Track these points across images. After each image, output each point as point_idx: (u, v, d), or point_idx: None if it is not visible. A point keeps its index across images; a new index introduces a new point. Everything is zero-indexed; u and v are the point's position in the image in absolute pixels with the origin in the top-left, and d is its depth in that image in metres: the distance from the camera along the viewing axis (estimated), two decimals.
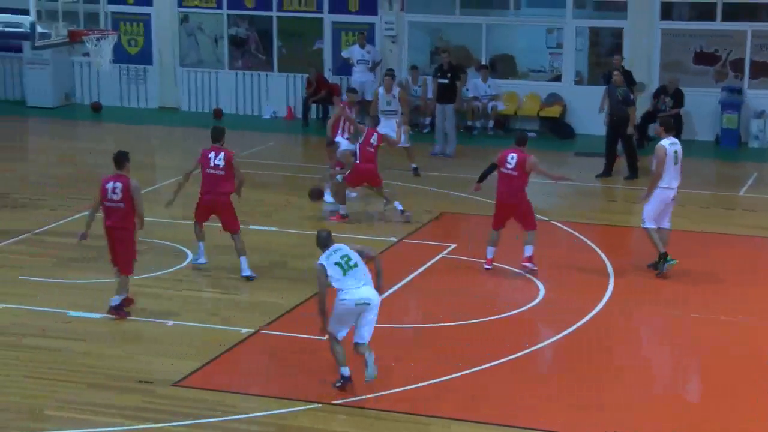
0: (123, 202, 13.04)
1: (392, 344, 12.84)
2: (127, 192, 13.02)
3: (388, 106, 19.95)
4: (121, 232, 13.16)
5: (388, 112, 19.91)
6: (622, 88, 20.19)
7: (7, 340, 12.49)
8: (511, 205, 14.96)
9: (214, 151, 14.43)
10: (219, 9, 25.68)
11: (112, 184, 13.12)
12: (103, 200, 13.18)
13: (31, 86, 26.31)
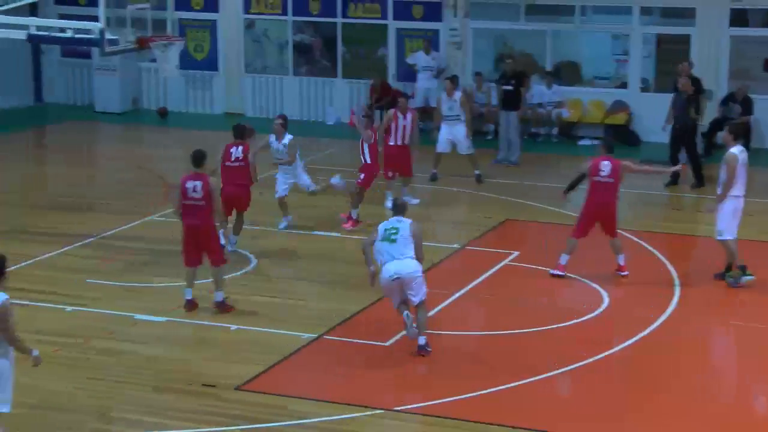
0: (204, 200, 13.36)
1: (455, 351, 12.82)
2: (207, 190, 13.36)
3: (450, 111, 19.84)
4: (205, 228, 13.48)
5: (450, 117, 19.86)
6: (684, 95, 19.95)
7: (75, 343, 12.66)
8: (605, 213, 14.80)
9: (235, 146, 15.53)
10: (284, 15, 25.83)
11: (192, 183, 13.44)
12: (183, 199, 13.47)
13: (100, 92, 26.67)
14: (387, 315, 13.70)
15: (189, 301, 13.68)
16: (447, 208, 18.77)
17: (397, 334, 12.93)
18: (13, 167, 21.66)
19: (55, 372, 11.86)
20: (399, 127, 18.27)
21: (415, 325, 12.26)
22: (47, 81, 27.73)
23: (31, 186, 20.17)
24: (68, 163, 22.53)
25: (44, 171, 22.23)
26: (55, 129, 25.41)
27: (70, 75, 27.58)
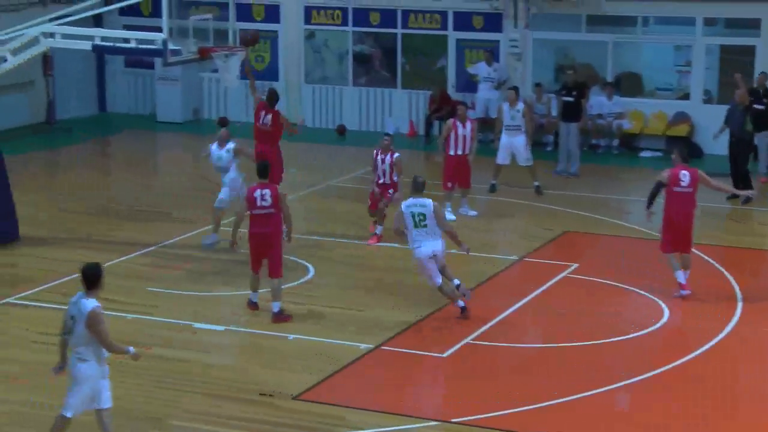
0: (273, 208, 13.65)
1: (513, 363, 12.77)
2: (276, 198, 13.66)
3: (512, 121, 19.73)
4: (274, 238, 13.75)
5: (511, 127, 19.77)
6: (741, 106, 19.69)
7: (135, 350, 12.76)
8: (685, 225, 14.59)
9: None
10: (345, 26, 25.94)
11: (260, 192, 13.72)
12: (251, 209, 13.72)
13: (162, 101, 26.95)
14: (445, 326, 13.70)
15: (253, 303, 14.02)
16: (505, 219, 18.69)
17: (454, 345, 12.91)
18: (77, 176, 21.96)
19: (115, 379, 11.92)
20: (459, 136, 18.24)
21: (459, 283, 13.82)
22: (111, 91, 28.08)
23: (93, 194, 20.41)
24: (130, 172, 22.79)
25: (107, 180, 22.49)
26: (117, 138, 25.73)
27: (132, 85, 27.91)
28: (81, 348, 9.81)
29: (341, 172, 21.28)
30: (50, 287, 14.91)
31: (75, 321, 9.81)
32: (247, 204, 13.86)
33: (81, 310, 9.77)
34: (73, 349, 9.88)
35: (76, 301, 9.92)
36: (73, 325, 9.82)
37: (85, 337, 9.75)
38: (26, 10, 24.32)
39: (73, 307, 9.90)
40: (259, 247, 13.77)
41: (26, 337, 13.23)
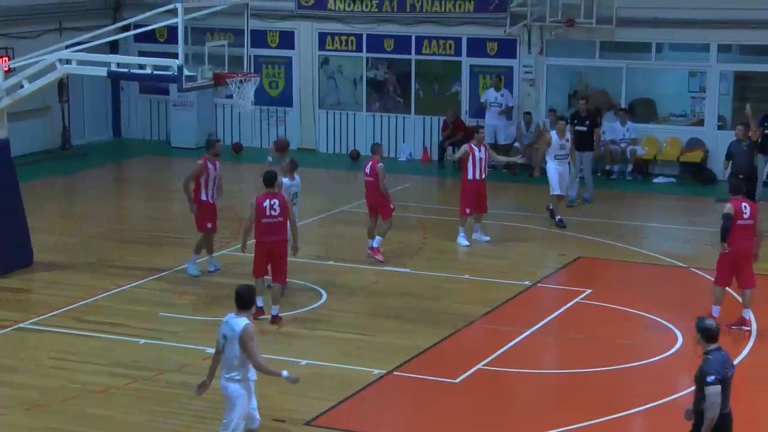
0: (282, 216, 14.18)
1: (525, 389, 12.74)
2: (284, 207, 14.18)
3: (561, 151, 19.64)
4: (282, 245, 14.34)
5: (560, 157, 19.64)
6: (746, 142, 18.92)
7: (148, 376, 12.79)
8: (747, 258, 14.29)
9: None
10: (359, 52, 26.04)
11: (269, 201, 14.21)
12: (261, 218, 14.14)
13: (176, 127, 27.07)
14: (458, 351, 13.68)
15: (259, 308, 14.23)
16: (519, 245, 18.66)
17: (467, 371, 12.89)
18: (91, 201, 22.05)
19: (129, 404, 11.99)
20: (476, 160, 18.16)
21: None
22: (125, 116, 28.22)
23: (107, 220, 20.48)
24: (144, 197, 22.88)
25: (121, 205, 22.58)
26: (132, 163, 25.83)
27: (147, 110, 28.04)
28: (234, 368, 10.02)
29: (355, 198, 21.29)
30: (63, 312, 14.95)
31: (227, 340, 10.03)
32: (256, 213, 14.22)
33: (234, 328, 9.99)
34: (226, 371, 10.07)
35: (227, 321, 10.15)
36: (224, 345, 10.05)
37: (238, 358, 9.95)
38: (42, 36, 24.50)
39: (224, 326, 10.13)
40: (267, 255, 14.31)
41: (39, 362, 13.25)
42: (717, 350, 9.21)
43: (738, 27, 23.08)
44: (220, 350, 10.14)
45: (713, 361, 9.08)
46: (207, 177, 16.25)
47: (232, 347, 9.98)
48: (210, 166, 16.27)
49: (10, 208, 16.71)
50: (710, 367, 9.03)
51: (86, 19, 25.67)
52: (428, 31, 25.30)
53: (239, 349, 9.93)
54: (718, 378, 8.96)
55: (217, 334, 10.27)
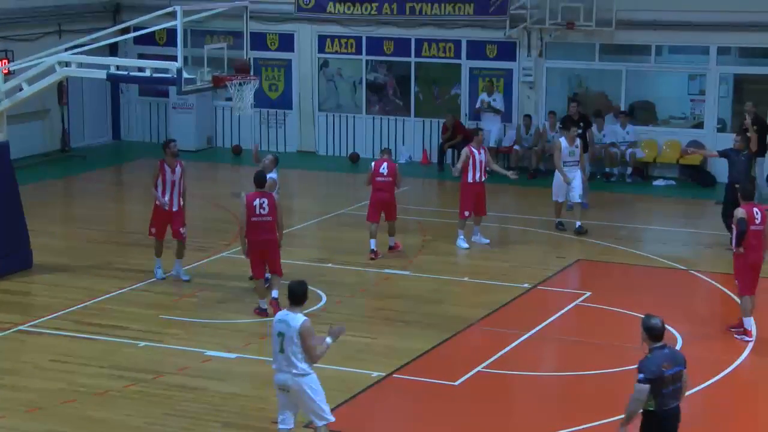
0: (270, 216, 14.57)
1: (525, 392, 12.74)
2: (273, 206, 14.55)
3: (571, 157, 19.41)
4: (273, 243, 14.73)
5: (570, 163, 19.37)
6: (744, 152, 18.13)
7: (147, 378, 12.79)
8: (760, 263, 14.09)
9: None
10: (358, 54, 26.04)
11: (259, 200, 14.57)
12: (251, 216, 14.50)
13: (176, 130, 27.04)
14: (457, 354, 13.68)
15: (263, 310, 14.82)
16: (518, 247, 18.67)
17: (466, 374, 12.89)
18: (91, 204, 22.05)
19: (128, 407, 12.00)
20: (476, 162, 18.16)
21: None
22: (125, 119, 28.23)
23: (107, 222, 20.48)
24: (144, 200, 22.78)
25: (121, 207, 22.57)
26: (131, 166, 25.82)
27: (147, 113, 28.05)
28: (301, 362, 10.05)
29: (354, 200, 21.30)
30: (63, 315, 14.95)
31: (284, 337, 10.05)
32: (247, 211, 14.53)
33: (291, 325, 10.03)
34: (291, 367, 10.07)
35: (282, 319, 10.16)
36: (283, 343, 10.06)
37: (300, 352, 10.00)
38: (42, 39, 24.52)
39: (279, 324, 10.15)
40: (262, 252, 14.68)
41: (39, 364, 13.25)
42: (659, 348, 9.42)
43: (737, 30, 23.10)
44: (280, 350, 10.09)
45: (650, 360, 9.33)
46: (163, 180, 16.01)
47: (292, 343, 10.02)
48: (167, 168, 16.01)
49: (10, 211, 16.72)
50: (644, 365, 9.30)
51: (86, 22, 25.67)
52: (428, 34, 25.32)
53: (298, 343, 9.98)
54: (647, 377, 9.22)
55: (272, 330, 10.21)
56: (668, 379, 9.31)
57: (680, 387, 9.43)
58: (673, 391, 9.36)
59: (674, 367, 9.38)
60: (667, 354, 9.41)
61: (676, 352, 9.59)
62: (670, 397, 9.34)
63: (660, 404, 9.32)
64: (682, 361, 9.47)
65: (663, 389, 9.27)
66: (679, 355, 9.54)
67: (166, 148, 16.24)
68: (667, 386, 9.31)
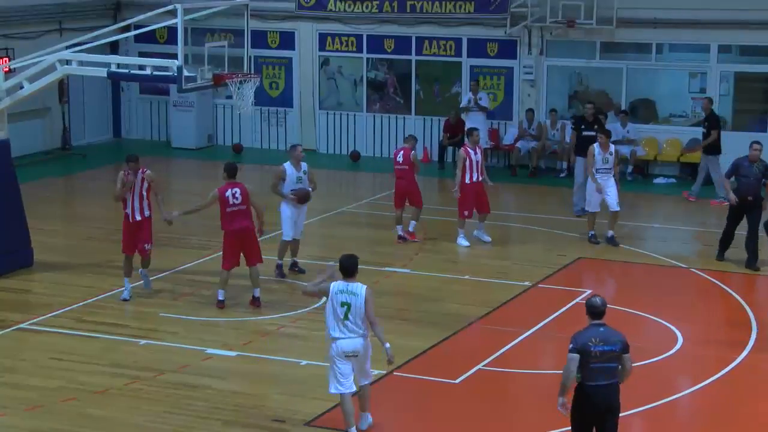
0: (244, 204, 14.81)
1: (525, 390, 12.73)
2: (245, 195, 14.81)
3: (604, 165, 18.50)
4: (249, 230, 14.94)
5: (603, 170, 18.47)
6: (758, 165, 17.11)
7: (148, 376, 12.79)
8: None
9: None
10: (359, 53, 26.04)
11: (231, 191, 14.82)
12: (225, 207, 14.75)
13: (176, 128, 27.08)
14: (458, 352, 13.68)
15: (221, 301, 15.03)
16: (519, 245, 18.68)
17: (467, 372, 12.89)
18: (92, 202, 22.04)
19: (129, 405, 12.00)
20: (473, 162, 18.17)
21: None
22: (125, 117, 28.24)
23: (107, 220, 20.45)
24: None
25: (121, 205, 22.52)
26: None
27: (147, 111, 28.05)
28: (360, 328, 10.89)
29: (355, 198, 21.30)
30: (64, 313, 14.96)
31: (350, 307, 10.85)
32: (220, 203, 14.80)
33: (357, 293, 10.86)
34: (354, 332, 10.86)
35: (343, 290, 10.91)
36: (347, 312, 10.84)
37: (362, 316, 10.85)
38: (42, 37, 24.52)
39: (341, 295, 10.88)
40: (239, 241, 14.85)
41: (39, 362, 13.25)
42: (595, 326, 9.95)
43: (738, 28, 23.09)
44: (344, 318, 10.84)
45: (580, 333, 9.94)
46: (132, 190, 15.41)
47: (358, 310, 10.82)
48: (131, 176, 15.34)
49: (11, 209, 16.72)
50: (574, 337, 9.95)
51: (86, 20, 25.68)
52: (429, 32, 25.32)
53: (364, 309, 10.82)
54: (574, 347, 9.84)
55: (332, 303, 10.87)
56: (594, 354, 9.76)
57: (613, 367, 9.80)
58: (602, 369, 9.76)
59: (604, 345, 9.79)
60: (600, 332, 9.87)
61: (613, 333, 9.92)
62: (598, 373, 9.75)
63: (586, 378, 9.78)
64: (617, 342, 9.83)
65: (590, 363, 9.74)
66: (615, 338, 9.87)
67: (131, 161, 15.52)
68: (594, 361, 9.75)
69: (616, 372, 9.86)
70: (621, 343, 9.86)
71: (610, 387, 9.84)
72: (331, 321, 10.91)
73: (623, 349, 9.86)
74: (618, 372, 9.86)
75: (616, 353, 9.81)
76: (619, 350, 9.83)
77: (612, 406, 9.90)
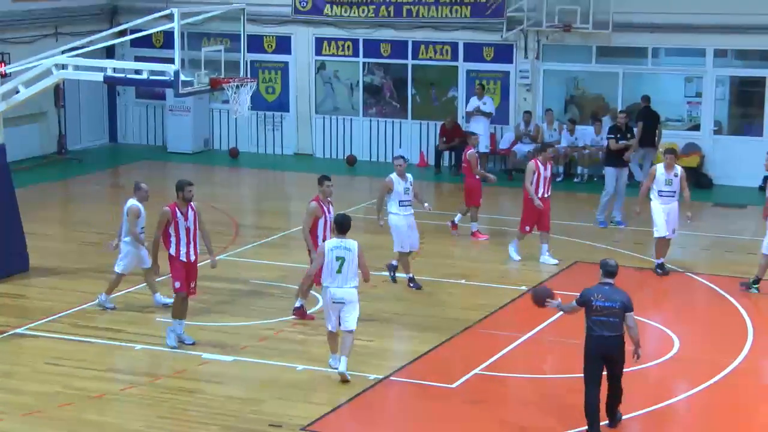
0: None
1: (522, 394, 12.73)
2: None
3: (668, 187, 16.92)
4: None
5: (666, 194, 16.99)
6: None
7: (144, 381, 12.77)
8: None
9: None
10: (355, 57, 26.04)
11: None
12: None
13: (172, 132, 27.05)
14: (454, 356, 13.67)
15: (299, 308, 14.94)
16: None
17: (464, 376, 12.89)
18: (88, 206, 22.02)
19: (125, 410, 11.98)
20: (542, 177, 17.49)
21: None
22: (121, 122, 28.22)
23: (103, 225, 20.42)
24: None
25: (117, 210, 22.41)
26: (128, 169, 25.79)
27: (143, 116, 28.04)
28: (353, 279, 12.46)
29: (351, 203, 21.28)
30: (60, 318, 14.93)
31: (344, 261, 12.37)
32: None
33: (349, 248, 12.42)
34: (345, 283, 12.42)
35: (338, 245, 12.46)
36: (341, 265, 12.38)
37: (354, 269, 12.42)
38: (38, 41, 24.51)
39: (337, 250, 12.41)
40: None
41: (36, 367, 13.23)
42: (601, 284, 11.21)
43: (734, 32, 23.13)
44: (338, 270, 12.39)
45: (588, 288, 11.25)
46: (176, 227, 13.89)
47: (351, 263, 12.39)
48: (179, 214, 13.96)
49: (6, 214, 16.69)
50: (582, 291, 11.25)
51: (82, 25, 25.68)
52: (425, 36, 25.33)
53: (357, 262, 12.40)
54: (579, 299, 11.21)
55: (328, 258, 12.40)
56: (596, 308, 11.01)
57: (613, 322, 10.97)
58: (603, 322, 10.98)
59: (605, 301, 11.00)
60: (605, 290, 11.09)
61: (616, 292, 11.09)
62: (599, 325, 10.99)
63: (589, 328, 11.07)
64: (619, 300, 11.01)
65: (592, 316, 11.02)
66: (617, 296, 11.04)
67: (180, 190, 14.07)
68: (595, 314, 11.01)
69: (618, 327, 10.98)
70: (621, 302, 10.96)
71: (609, 339, 10.97)
72: (326, 273, 12.48)
73: (623, 307, 10.95)
74: (619, 327, 10.98)
75: (615, 310, 10.92)
76: (618, 307, 10.94)
77: (612, 356, 11.04)
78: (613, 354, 11.04)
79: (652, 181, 17.04)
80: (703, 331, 14.72)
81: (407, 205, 16.40)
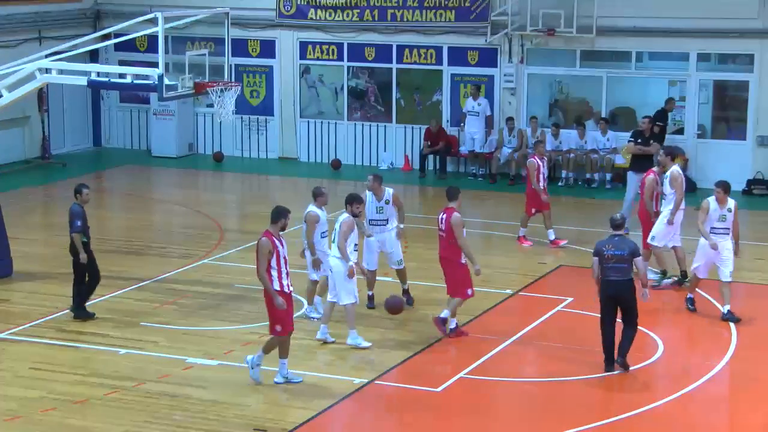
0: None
1: (507, 398, 12.74)
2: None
3: (722, 223, 15.45)
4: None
5: (720, 231, 15.47)
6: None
7: (128, 386, 12.73)
8: None
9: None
10: (340, 61, 26.04)
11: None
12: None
13: (157, 136, 27.00)
14: (439, 360, 13.67)
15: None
16: (501, 254, 18.68)
17: (448, 380, 12.89)
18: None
19: (109, 415, 11.94)
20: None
21: None
22: (105, 126, 28.14)
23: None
24: (125, 207, 22.79)
25: (102, 214, 22.45)
26: (112, 173, 25.73)
27: (127, 120, 27.96)
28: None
29: (336, 207, 21.26)
30: (43, 322, 14.88)
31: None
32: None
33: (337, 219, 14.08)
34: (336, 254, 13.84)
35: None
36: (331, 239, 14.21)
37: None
38: (21, 45, 24.43)
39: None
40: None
41: (19, 372, 13.17)
42: (612, 236, 13.18)
43: (717, 36, 23.21)
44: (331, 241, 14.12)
45: (600, 240, 13.28)
46: (277, 258, 12.62)
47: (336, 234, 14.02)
48: (277, 243, 12.65)
49: None
50: (597, 243, 13.19)
51: (66, 29, 25.61)
52: (409, 40, 25.34)
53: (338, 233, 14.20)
54: (594, 251, 13.13)
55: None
56: (607, 257, 12.90)
57: (623, 267, 12.85)
58: (613, 268, 12.86)
59: (614, 250, 12.89)
60: (615, 240, 13.03)
61: (625, 241, 13.09)
62: (610, 270, 12.87)
63: (603, 274, 12.93)
64: (626, 248, 12.91)
65: (604, 263, 12.91)
66: (625, 245, 12.98)
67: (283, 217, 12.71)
68: (607, 262, 12.89)
69: (627, 272, 12.86)
70: (629, 249, 12.91)
71: (620, 282, 12.86)
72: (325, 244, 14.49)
73: (631, 253, 12.88)
74: (628, 272, 12.85)
75: (624, 257, 12.83)
76: (626, 254, 12.85)
77: (624, 297, 12.92)
78: (623, 295, 12.87)
79: (706, 216, 15.30)
80: (686, 334, 14.74)
81: (380, 224, 15.72)
